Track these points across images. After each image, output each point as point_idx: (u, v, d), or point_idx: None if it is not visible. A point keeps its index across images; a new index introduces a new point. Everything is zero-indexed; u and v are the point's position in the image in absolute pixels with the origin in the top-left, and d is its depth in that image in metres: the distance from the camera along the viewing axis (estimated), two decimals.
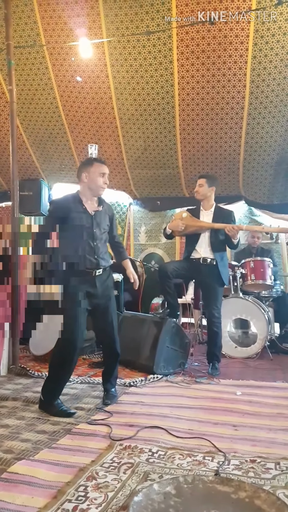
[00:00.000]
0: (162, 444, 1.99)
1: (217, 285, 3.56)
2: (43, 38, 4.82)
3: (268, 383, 3.16)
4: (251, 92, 4.73)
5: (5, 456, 1.85)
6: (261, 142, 5.11)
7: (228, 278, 3.67)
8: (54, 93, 5.33)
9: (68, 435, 2.13)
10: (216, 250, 3.54)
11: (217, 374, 3.42)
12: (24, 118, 5.65)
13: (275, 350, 4.28)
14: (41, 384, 2.66)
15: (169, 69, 4.77)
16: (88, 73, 5.07)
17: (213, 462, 1.80)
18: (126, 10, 4.42)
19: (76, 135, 5.75)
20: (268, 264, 4.40)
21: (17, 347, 3.64)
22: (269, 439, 2.08)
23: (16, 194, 3.81)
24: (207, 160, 5.53)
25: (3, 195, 6.50)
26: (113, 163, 5.91)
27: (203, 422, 2.33)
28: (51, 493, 1.54)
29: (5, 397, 2.77)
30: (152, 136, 5.44)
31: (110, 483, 1.61)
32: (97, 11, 4.48)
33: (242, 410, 2.52)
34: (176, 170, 5.74)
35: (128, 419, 2.36)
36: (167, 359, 3.48)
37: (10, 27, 3.84)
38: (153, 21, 4.42)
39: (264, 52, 4.41)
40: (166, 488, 1.47)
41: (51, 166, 6.24)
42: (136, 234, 6.45)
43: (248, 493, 1.43)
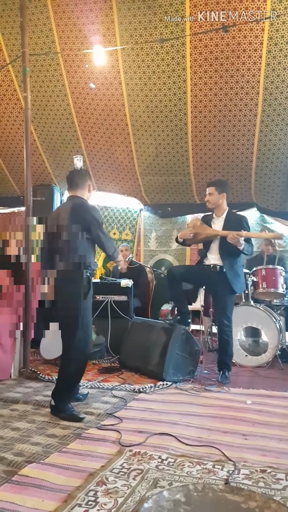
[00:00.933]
0: (172, 451, 1.99)
1: (226, 292, 3.47)
2: (58, 45, 4.89)
3: (278, 393, 3.13)
4: (264, 99, 4.73)
5: (16, 459, 1.86)
6: (274, 149, 5.09)
7: (240, 286, 3.52)
8: (67, 99, 5.40)
9: (78, 439, 2.14)
10: (225, 258, 3.46)
11: (227, 382, 3.40)
12: (38, 124, 5.73)
13: (286, 359, 4.23)
14: (51, 387, 2.67)
15: (182, 76, 4.80)
16: (101, 80, 5.12)
17: (223, 471, 1.79)
18: (140, 18, 4.47)
19: (89, 142, 5.80)
20: (280, 272, 4.36)
21: (28, 351, 3.67)
22: (280, 449, 2.06)
23: (29, 200, 3.85)
24: (219, 167, 5.53)
25: (16, 200, 6.57)
26: (125, 170, 5.95)
27: (213, 430, 2.32)
28: (61, 497, 1.54)
29: (16, 400, 2.79)
30: (164, 143, 5.47)
31: (120, 488, 1.61)
32: (111, 19, 4.54)
33: (252, 419, 2.50)
34: (188, 177, 5.75)
35: (137, 425, 2.36)
36: (177, 366, 3.46)
37: (25, 35, 3.91)
38: (166, 29, 4.46)
39: (278, 60, 4.41)
40: (176, 495, 1.47)
41: (64, 172, 6.30)
42: (146, 240, 6.46)
43: (258, 503, 1.42)
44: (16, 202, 6.54)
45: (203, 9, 4.22)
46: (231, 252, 3.45)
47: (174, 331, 3.51)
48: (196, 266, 3.68)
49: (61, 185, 6.42)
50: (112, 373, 3.69)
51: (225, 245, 3.43)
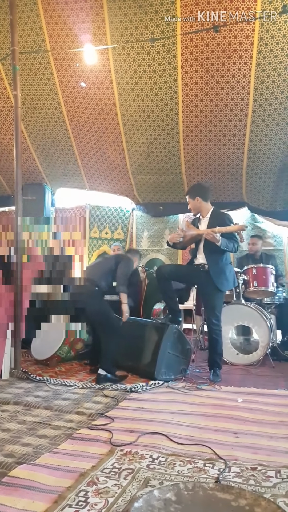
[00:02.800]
0: (163, 450, 1.99)
1: (213, 291, 3.47)
2: (48, 44, 4.87)
3: (269, 391, 3.15)
4: (254, 100, 4.76)
5: (6, 460, 1.85)
6: (265, 150, 5.12)
7: (227, 284, 3.51)
8: (58, 98, 5.38)
9: (69, 440, 2.13)
10: (208, 256, 3.48)
11: (219, 380, 3.41)
12: (28, 123, 5.70)
13: (277, 357, 4.27)
14: (43, 388, 2.67)
15: (173, 75, 4.80)
16: (92, 79, 5.11)
17: (214, 469, 1.80)
18: (131, 17, 4.46)
19: (80, 141, 5.78)
20: (270, 270, 4.39)
21: (19, 351, 3.64)
22: (270, 447, 2.07)
23: (19, 199, 3.82)
24: (210, 167, 5.55)
25: (6, 199, 6.53)
26: (116, 169, 5.94)
27: (204, 428, 2.33)
28: (52, 498, 1.54)
29: (7, 401, 2.77)
30: (156, 142, 5.47)
31: (110, 488, 1.61)
32: (102, 18, 4.53)
33: (243, 418, 2.51)
34: (179, 176, 5.76)
35: (129, 424, 2.36)
36: (169, 365, 3.47)
37: (15, 33, 3.88)
38: (157, 28, 4.46)
39: (268, 60, 4.43)
40: (167, 494, 1.47)
41: (55, 171, 6.28)
42: (138, 240, 6.46)
43: (248, 501, 1.43)
44: (7, 201, 6.50)
45: (194, 9, 4.23)
46: (213, 250, 3.45)
47: (166, 330, 3.51)
48: (185, 265, 3.70)
49: (52, 184, 6.40)
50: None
51: (208, 243, 3.45)
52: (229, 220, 3.53)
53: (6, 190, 6.56)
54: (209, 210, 3.62)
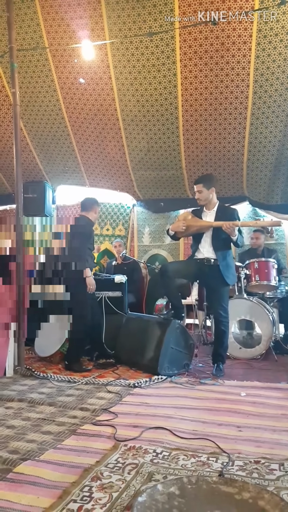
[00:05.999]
0: (167, 445, 2.00)
1: (221, 285, 3.50)
2: (46, 40, 4.84)
3: (272, 384, 3.15)
4: (254, 92, 4.73)
5: (11, 456, 1.86)
6: (265, 142, 5.10)
7: (232, 278, 3.56)
8: (57, 95, 5.36)
9: (73, 435, 2.14)
10: (218, 250, 3.49)
11: (222, 375, 3.42)
12: (27, 121, 5.68)
13: (279, 351, 4.27)
14: (47, 385, 2.68)
15: (172, 70, 4.78)
16: (91, 75, 5.09)
17: (217, 463, 1.80)
18: (128, 11, 4.43)
19: (80, 137, 5.77)
20: (272, 264, 4.38)
21: (23, 348, 3.66)
22: (273, 440, 2.08)
23: (20, 196, 3.82)
24: (211, 161, 5.53)
25: (7, 198, 6.53)
26: (116, 165, 5.92)
27: (207, 423, 2.33)
28: (56, 493, 1.55)
29: (11, 398, 2.79)
30: (155, 137, 5.45)
31: (114, 483, 1.62)
32: (99, 13, 4.50)
33: (246, 411, 2.52)
34: (180, 171, 5.74)
35: (132, 420, 2.37)
36: (172, 360, 3.48)
37: (12, 30, 3.86)
38: (155, 22, 4.43)
39: (267, 52, 4.40)
40: (170, 488, 1.48)
41: (55, 168, 6.27)
42: (139, 236, 6.46)
43: (251, 494, 1.43)
44: (8, 199, 6.50)
45: (192, 2, 4.20)
46: (223, 244, 3.49)
47: (169, 325, 3.52)
48: (188, 260, 3.69)
49: (52, 181, 6.39)
50: (107, 368, 3.70)
51: (218, 237, 3.47)
52: (238, 216, 3.58)
53: (7, 188, 6.56)
54: (215, 203, 3.63)
